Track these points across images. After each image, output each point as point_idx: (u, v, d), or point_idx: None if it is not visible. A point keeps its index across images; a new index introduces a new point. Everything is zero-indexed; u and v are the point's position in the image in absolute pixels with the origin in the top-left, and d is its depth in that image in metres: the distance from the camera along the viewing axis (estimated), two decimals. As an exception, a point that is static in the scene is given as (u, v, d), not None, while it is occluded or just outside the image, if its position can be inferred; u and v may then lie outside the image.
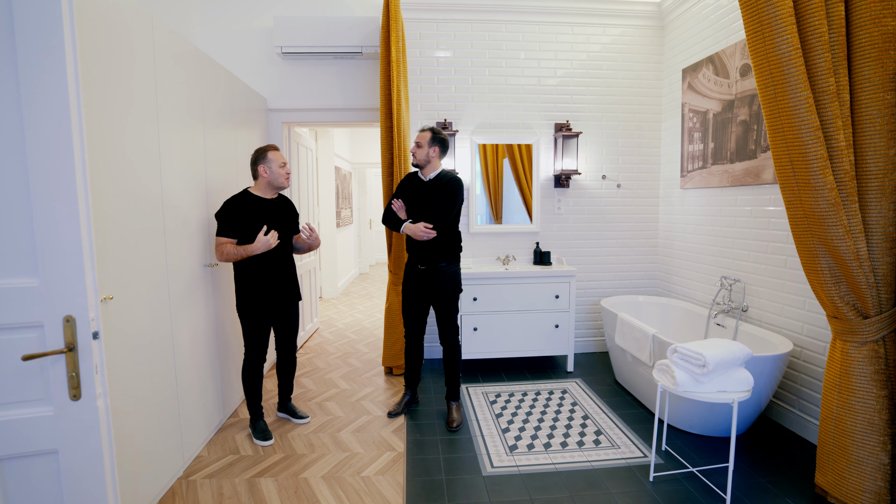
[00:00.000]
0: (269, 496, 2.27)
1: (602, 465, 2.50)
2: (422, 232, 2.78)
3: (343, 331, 5.20)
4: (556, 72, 4.08)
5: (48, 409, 1.33)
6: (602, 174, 4.20)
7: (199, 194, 2.72)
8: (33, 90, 1.23)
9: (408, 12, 3.87)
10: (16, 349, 1.29)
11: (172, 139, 2.43)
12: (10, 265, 1.28)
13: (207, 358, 2.80)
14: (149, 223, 2.20)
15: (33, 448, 1.33)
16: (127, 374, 2.02)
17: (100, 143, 1.85)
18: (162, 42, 2.32)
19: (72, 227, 1.28)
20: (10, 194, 1.25)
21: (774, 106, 1.98)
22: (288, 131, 4.27)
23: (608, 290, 4.30)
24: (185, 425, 2.51)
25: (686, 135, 3.81)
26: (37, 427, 1.32)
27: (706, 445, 2.67)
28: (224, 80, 3.12)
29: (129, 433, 2.02)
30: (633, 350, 3.13)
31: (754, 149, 3.07)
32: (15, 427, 1.31)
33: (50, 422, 1.33)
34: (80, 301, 1.30)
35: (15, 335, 1.30)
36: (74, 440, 1.34)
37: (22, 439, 1.32)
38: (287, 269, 2.84)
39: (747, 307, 3.20)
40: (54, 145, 1.25)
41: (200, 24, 3.99)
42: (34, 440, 1.32)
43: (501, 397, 3.37)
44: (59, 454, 1.34)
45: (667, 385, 2.23)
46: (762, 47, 1.95)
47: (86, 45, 1.76)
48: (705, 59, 3.50)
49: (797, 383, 2.85)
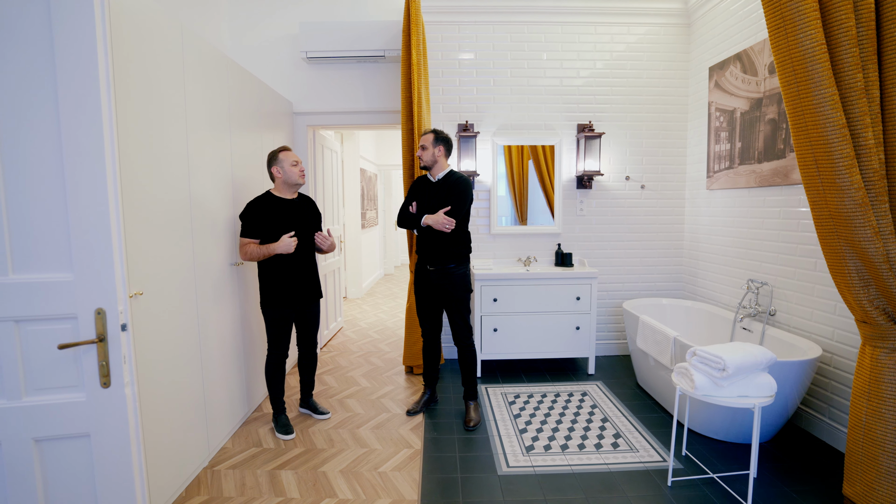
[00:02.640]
0: (288, 488, 2.34)
1: (619, 469, 2.48)
2: (443, 219, 2.80)
3: (366, 330, 5.27)
4: (578, 72, 4.06)
5: (81, 395, 1.42)
6: (626, 175, 4.15)
7: (226, 195, 2.82)
8: (69, 102, 1.32)
9: (430, 15, 3.91)
10: (53, 338, 1.39)
11: (200, 142, 2.53)
12: (48, 261, 1.37)
13: (233, 353, 2.90)
14: (177, 223, 2.30)
15: (68, 431, 1.42)
16: (156, 366, 2.11)
17: (133, 147, 1.95)
18: (191, 50, 2.42)
19: (103, 226, 1.36)
20: (48, 196, 1.34)
21: (798, 103, 1.94)
22: (313, 134, 4.37)
23: (631, 293, 4.25)
24: (211, 417, 2.60)
25: (712, 134, 3.73)
26: (71, 411, 1.41)
27: (728, 452, 2.62)
28: (250, 85, 3.22)
29: (158, 423, 2.11)
30: (654, 353, 3.09)
31: (783, 148, 2.99)
32: (52, 410, 1.40)
33: (83, 407, 1.42)
34: (110, 295, 1.38)
35: (53, 325, 1.39)
36: (105, 425, 1.43)
37: (58, 422, 1.41)
38: (309, 268, 2.91)
39: (775, 311, 3.11)
40: (87, 152, 1.33)
41: (230, 31, 4.13)
42: (69, 423, 1.41)
43: (520, 398, 3.37)
44: (91, 438, 1.43)
45: (685, 389, 2.20)
46: (784, 44, 1.91)
47: (119, 54, 1.86)
48: (733, 57, 3.43)
49: (827, 390, 2.76)
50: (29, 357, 1.39)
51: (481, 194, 4.14)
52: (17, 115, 1.31)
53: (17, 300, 1.35)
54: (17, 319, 1.37)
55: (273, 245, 2.66)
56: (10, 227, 1.34)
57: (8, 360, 1.37)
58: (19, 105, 1.31)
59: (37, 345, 1.38)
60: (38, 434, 1.40)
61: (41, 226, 1.35)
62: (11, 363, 1.38)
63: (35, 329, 1.38)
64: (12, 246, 1.35)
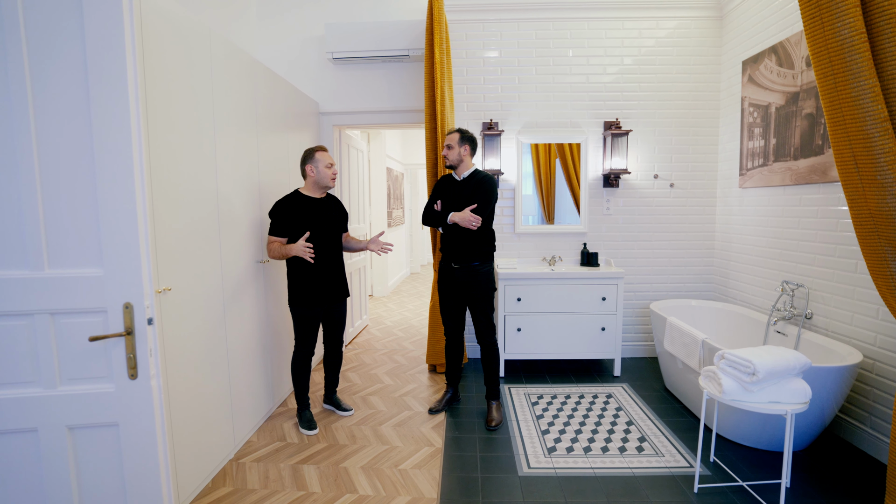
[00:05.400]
0: (310, 482, 2.38)
1: (643, 473, 2.42)
2: (470, 216, 2.80)
3: (391, 328, 5.31)
4: (605, 69, 3.99)
5: (110, 385, 1.47)
6: (654, 173, 4.05)
7: (252, 194, 2.88)
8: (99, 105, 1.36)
9: (454, 13, 3.91)
10: (85, 331, 1.44)
11: (228, 143, 2.59)
12: (80, 257, 1.42)
13: (258, 349, 2.96)
14: (205, 222, 2.36)
15: (98, 420, 1.47)
16: (184, 360, 2.18)
17: (163, 148, 2.01)
18: (218, 53, 2.48)
19: (130, 224, 1.41)
20: (81, 196, 1.40)
21: (835, 96, 1.85)
22: (339, 134, 4.43)
23: (659, 294, 4.15)
24: (237, 411, 2.66)
25: (746, 131, 3.61)
26: (101, 401, 1.46)
27: (759, 459, 2.52)
28: (277, 86, 3.28)
29: (186, 415, 2.18)
30: (682, 356, 3.01)
31: (821, 144, 2.87)
32: (83, 400, 1.46)
33: (112, 397, 1.47)
34: (137, 290, 1.42)
35: (84, 318, 1.44)
36: (132, 415, 1.48)
37: (89, 411, 1.46)
38: (336, 267, 2.95)
39: (811, 314, 2.98)
40: (116, 153, 1.38)
41: (259, 35, 4.22)
42: (99, 413, 1.47)
43: (543, 399, 3.33)
44: (119, 427, 1.48)
45: (713, 393, 2.13)
46: (821, 34, 1.83)
47: (148, 59, 1.92)
48: (767, 50, 3.31)
49: (868, 398, 2.63)
50: (63, 348, 1.45)
51: (506, 193, 4.11)
52: (53, 119, 1.37)
53: (52, 294, 1.41)
54: (52, 312, 1.42)
55: (290, 246, 2.70)
56: (45, 224, 1.40)
57: (44, 350, 1.44)
58: (55, 110, 1.37)
59: (70, 337, 1.44)
60: (70, 422, 1.46)
61: (73, 223, 1.41)
62: (47, 354, 1.44)
63: (68, 322, 1.43)
64: (48, 242, 1.40)
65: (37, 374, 1.44)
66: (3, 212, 1.37)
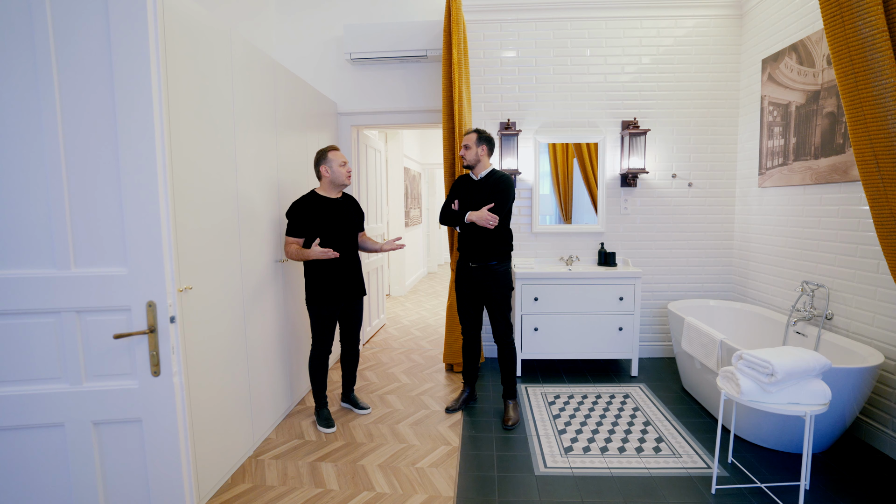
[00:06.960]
0: (328, 479, 2.41)
1: (660, 473, 2.40)
2: (487, 215, 2.81)
3: (408, 327, 5.34)
4: (623, 68, 3.96)
5: (134, 382, 1.51)
6: (672, 173, 4.01)
7: (271, 195, 2.94)
8: (124, 108, 1.41)
9: (472, 14, 3.92)
10: (109, 328, 1.49)
11: (247, 143, 2.64)
12: (105, 256, 1.47)
13: (277, 347, 3.01)
14: (226, 222, 2.41)
15: (122, 416, 1.52)
16: (204, 357, 2.23)
17: (187, 150, 2.07)
18: (239, 54, 2.53)
19: (154, 224, 1.45)
20: (106, 197, 1.44)
21: (856, 95, 1.82)
22: (357, 134, 4.47)
23: (677, 294, 4.10)
24: (256, 409, 2.72)
25: (765, 130, 3.55)
26: (125, 397, 1.51)
27: (778, 461, 2.49)
28: (296, 87, 3.34)
29: (206, 412, 2.23)
30: (699, 356, 2.97)
31: (842, 143, 2.81)
32: (108, 396, 1.51)
33: (135, 394, 1.51)
34: (159, 289, 1.47)
35: (109, 316, 1.49)
36: (155, 411, 1.52)
37: (113, 407, 1.51)
38: (353, 266, 2.98)
39: (832, 315, 2.93)
40: (140, 155, 1.42)
41: (278, 36, 4.29)
42: (123, 409, 1.52)
43: (560, 399, 3.33)
44: (142, 423, 1.53)
45: (731, 393, 2.11)
46: (841, 32, 1.80)
47: (171, 62, 1.97)
48: (788, 48, 3.25)
49: (890, 400, 2.58)
50: (88, 345, 1.50)
51: (523, 193, 4.11)
52: (79, 122, 1.42)
53: (79, 292, 1.46)
54: (78, 310, 1.48)
55: (307, 251, 2.73)
56: (72, 224, 1.45)
57: (71, 347, 1.49)
58: (81, 112, 1.42)
59: (95, 334, 1.49)
60: (95, 417, 1.51)
61: (99, 223, 1.45)
62: (73, 351, 1.49)
63: (94, 319, 1.48)
64: (74, 242, 1.46)
65: (63, 371, 1.49)
66: (32, 212, 1.42)
